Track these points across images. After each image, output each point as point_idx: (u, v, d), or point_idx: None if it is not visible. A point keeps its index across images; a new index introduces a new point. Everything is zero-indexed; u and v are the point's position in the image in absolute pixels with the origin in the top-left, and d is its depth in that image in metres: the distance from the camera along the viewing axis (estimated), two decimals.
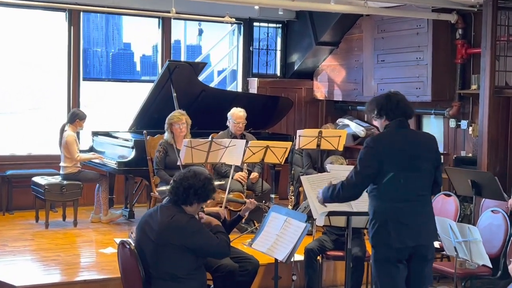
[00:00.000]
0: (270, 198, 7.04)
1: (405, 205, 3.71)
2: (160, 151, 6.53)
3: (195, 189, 3.75)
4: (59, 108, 8.68)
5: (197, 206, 3.82)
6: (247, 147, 6.38)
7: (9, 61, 9.09)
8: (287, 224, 4.14)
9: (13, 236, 6.74)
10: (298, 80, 9.75)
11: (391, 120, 3.81)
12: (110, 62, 9.44)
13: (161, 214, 3.78)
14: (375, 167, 3.69)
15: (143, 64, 9.79)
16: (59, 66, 8.64)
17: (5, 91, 9.24)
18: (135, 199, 7.79)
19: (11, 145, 8.81)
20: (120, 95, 10.28)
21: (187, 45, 10.30)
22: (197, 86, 7.86)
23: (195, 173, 3.79)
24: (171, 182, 3.88)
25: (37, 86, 9.72)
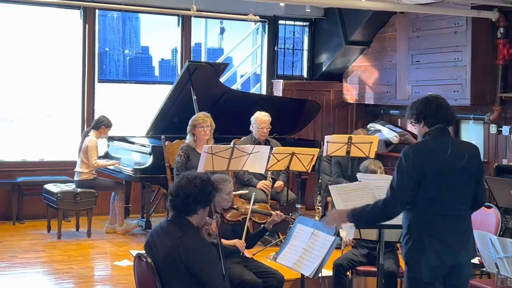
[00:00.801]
0: (295, 208, 7.04)
1: (442, 220, 3.68)
2: (181, 155, 6.56)
3: (193, 197, 3.70)
4: (73, 111, 8.78)
5: (203, 211, 3.79)
6: (272, 154, 6.39)
7: (21, 62, 9.22)
8: (314, 237, 4.14)
9: (24, 247, 6.83)
10: (326, 82, 9.74)
11: (431, 126, 3.77)
12: (127, 66, 9.53)
13: (166, 235, 3.72)
14: (415, 179, 3.65)
15: (162, 68, 9.86)
16: (73, 68, 8.75)
17: (17, 94, 9.38)
18: (152, 209, 7.85)
19: (22, 151, 8.92)
20: (137, 97, 10.35)
21: (208, 46, 10.36)
22: (219, 88, 7.90)
23: (189, 179, 3.75)
24: (169, 195, 3.84)
25: (50, 88, 9.84)
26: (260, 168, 6.28)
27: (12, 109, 9.63)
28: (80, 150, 7.43)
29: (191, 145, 6.60)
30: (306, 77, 9.90)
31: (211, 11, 8.49)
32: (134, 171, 7.18)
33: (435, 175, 3.67)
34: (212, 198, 3.81)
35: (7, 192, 7.94)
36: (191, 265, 3.61)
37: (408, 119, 3.97)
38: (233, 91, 8.37)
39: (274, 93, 9.51)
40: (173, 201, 3.75)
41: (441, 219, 3.68)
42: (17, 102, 9.64)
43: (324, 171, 7.52)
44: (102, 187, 7.45)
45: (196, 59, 9.38)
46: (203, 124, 6.54)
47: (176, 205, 3.73)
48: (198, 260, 3.63)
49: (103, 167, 7.55)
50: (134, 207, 8.19)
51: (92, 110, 8.51)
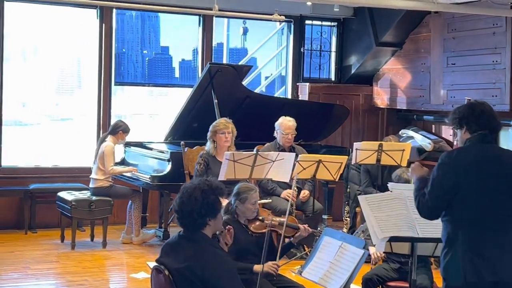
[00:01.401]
0: (322, 219, 7.01)
1: (482, 233, 3.62)
2: (200, 163, 6.57)
3: (197, 211, 3.64)
4: (88, 115, 8.84)
5: (215, 221, 3.73)
6: (297, 161, 6.38)
7: (36, 64, 9.31)
8: (342, 250, 4.10)
9: (36, 258, 6.88)
10: (355, 86, 9.71)
11: (473, 132, 3.73)
12: (146, 68, 9.56)
13: (179, 252, 3.69)
14: (450, 187, 3.61)
15: (182, 70, 9.87)
16: (90, 70, 8.81)
17: (31, 96, 9.46)
18: (171, 218, 7.84)
19: (35, 156, 8.99)
20: (155, 101, 10.39)
21: (230, 46, 10.37)
22: (241, 91, 7.91)
23: (188, 193, 3.68)
24: (174, 211, 3.80)
25: (65, 91, 9.92)
26: (284, 176, 6.26)
27: (26, 112, 9.72)
28: (96, 156, 7.48)
29: (211, 152, 6.61)
30: (334, 80, 9.87)
31: (234, 10, 8.51)
32: (152, 178, 7.21)
33: (474, 183, 3.62)
34: (218, 205, 3.76)
35: (19, 200, 8.01)
36: (209, 282, 3.59)
37: (450, 125, 3.93)
38: (257, 94, 8.38)
39: (300, 97, 9.49)
40: (180, 219, 3.71)
41: (481, 232, 3.63)
42: (31, 105, 9.72)
43: (352, 180, 7.48)
44: (118, 195, 7.48)
45: (217, 61, 9.41)
46: (224, 130, 6.54)
47: (184, 223, 3.70)
48: (216, 275, 3.60)
49: (119, 173, 7.59)
50: (152, 216, 8.21)
51: (108, 114, 8.57)
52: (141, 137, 8.28)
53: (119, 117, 8.65)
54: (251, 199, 4.84)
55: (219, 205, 3.76)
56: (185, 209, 3.66)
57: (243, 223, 4.88)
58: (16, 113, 9.31)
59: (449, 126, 4.19)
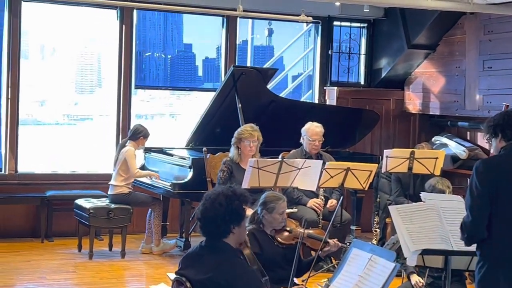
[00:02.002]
0: (350, 230, 6.98)
1: None
2: (224, 170, 6.59)
3: (221, 217, 3.63)
4: (108, 115, 8.89)
5: (239, 230, 3.73)
6: (324, 169, 6.37)
7: (52, 61, 9.39)
8: (372, 263, 4.08)
9: (52, 268, 6.93)
10: (386, 90, 9.67)
11: (508, 140, 3.72)
12: (168, 66, 9.56)
13: (201, 263, 3.68)
14: (489, 197, 3.60)
15: (206, 68, 9.87)
16: (109, 73, 8.87)
17: (48, 95, 9.52)
18: (192, 227, 7.86)
19: (52, 159, 9.08)
20: (177, 100, 10.41)
21: (255, 48, 10.38)
22: (266, 96, 7.92)
23: (211, 199, 3.68)
24: (197, 219, 3.78)
25: (84, 90, 10.00)
26: (311, 184, 6.25)
27: (44, 111, 9.79)
28: (115, 162, 7.53)
29: (235, 159, 6.62)
30: (363, 84, 9.84)
31: (259, 11, 8.52)
32: (173, 186, 7.24)
33: (509, 194, 3.60)
34: (243, 212, 3.76)
35: (36, 207, 8.09)
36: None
37: (485, 133, 3.92)
38: (282, 99, 8.38)
39: (328, 101, 9.48)
40: (202, 227, 3.70)
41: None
42: (50, 104, 9.79)
43: (382, 189, 7.45)
44: (137, 203, 7.53)
45: (242, 60, 9.43)
46: (250, 138, 6.56)
47: (207, 231, 3.69)
48: (240, 287, 3.60)
49: (144, 176, 7.66)
50: (172, 225, 8.24)
51: (128, 119, 8.62)
52: (162, 139, 8.33)
53: (139, 117, 8.68)
54: (279, 209, 4.83)
55: (243, 212, 3.76)
56: (208, 215, 3.66)
57: (269, 234, 4.88)
58: (33, 112, 9.38)
59: (484, 137, 4.17)
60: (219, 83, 8.91)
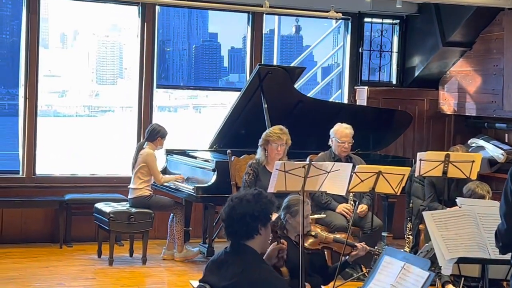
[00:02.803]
0: (381, 237, 6.96)
1: None
2: (249, 173, 6.59)
3: (250, 214, 3.68)
4: (129, 113, 8.92)
5: (265, 231, 3.77)
6: (354, 173, 6.34)
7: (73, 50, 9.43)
8: (405, 272, 4.06)
9: (71, 274, 6.99)
10: (419, 90, 9.63)
11: None
12: (192, 56, 9.53)
13: (225, 271, 3.70)
14: None
15: (231, 59, 9.82)
16: (132, 58, 8.84)
17: (68, 85, 9.57)
18: (216, 233, 7.89)
19: (71, 164, 9.15)
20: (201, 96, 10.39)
21: (282, 38, 10.33)
22: (293, 96, 7.92)
23: (239, 198, 3.75)
24: (222, 221, 3.84)
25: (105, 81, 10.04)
26: (340, 189, 6.20)
27: (64, 102, 9.82)
28: (134, 165, 7.56)
29: (262, 161, 6.63)
30: (396, 83, 9.81)
31: (286, 7, 8.53)
32: (196, 189, 7.26)
33: None
34: (271, 210, 3.80)
35: (54, 211, 8.16)
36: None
37: None
38: (310, 99, 8.38)
39: (358, 101, 9.47)
40: (228, 227, 3.74)
41: None
42: (70, 95, 9.82)
43: (415, 194, 7.40)
44: (159, 207, 7.55)
45: (268, 54, 9.43)
46: (278, 141, 6.55)
47: (233, 231, 3.73)
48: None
49: (169, 181, 7.69)
50: (195, 231, 8.27)
51: (149, 119, 8.65)
52: (185, 134, 8.29)
53: (162, 109, 8.69)
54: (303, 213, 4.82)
55: (271, 208, 3.78)
56: (236, 212, 3.69)
57: (294, 240, 4.88)
58: (53, 103, 9.40)
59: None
60: (244, 75, 8.91)
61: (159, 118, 8.62)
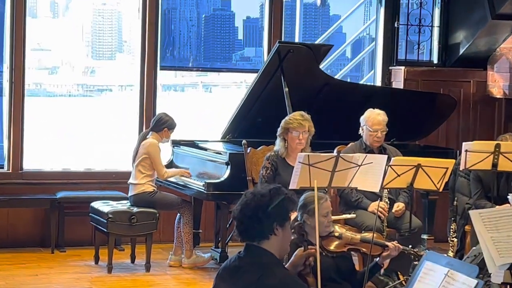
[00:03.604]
0: (421, 240, 6.91)
1: None
2: (267, 167, 6.58)
3: (263, 210, 3.70)
4: (130, 93, 8.90)
5: (283, 232, 3.77)
6: (389, 166, 6.31)
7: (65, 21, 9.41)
8: (449, 280, 4.03)
9: (65, 283, 7.00)
10: (464, 70, 9.60)
11: None
12: (202, 27, 9.45)
13: (239, 278, 3.72)
14: None
15: (247, 30, 9.76)
16: (131, 34, 8.81)
17: (59, 60, 9.56)
18: (229, 236, 7.87)
19: (64, 158, 9.16)
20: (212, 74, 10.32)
21: (305, 6, 10.24)
22: (318, 77, 7.89)
23: (252, 192, 3.78)
24: (234, 220, 3.85)
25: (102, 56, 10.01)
26: (373, 184, 6.20)
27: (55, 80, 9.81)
28: (135, 157, 7.56)
29: (281, 153, 6.62)
30: (437, 62, 9.78)
31: None
32: (207, 186, 7.24)
33: None
34: (288, 208, 3.79)
35: (45, 211, 8.17)
36: None
37: None
38: (338, 81, 8.37)
39: (393, 84, 9.45)
40: (240, 224, 3.76)
41: None
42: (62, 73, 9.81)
43: (460, 190, 7.36)
44: (163, 205, 7.55)
45: (289, 34, 9.39)
46: (299, 129, 6.53)
47: (245, 229, 3.75)
48: None
49: (173, 176, 7.69)
50: (206, 233, 8.29)
51: (153, 101, 8.63)
52: (192, 135, 8.30)
53: (167, 88, 8.66)
54: (322, 210, 4.80)
55: (290, 208, 3.77)
56: (249, 208, 3.71)
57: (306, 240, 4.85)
58: (43, 81, 9.40)
59: None
60: (261, 49, 8.86)
61: (164, 99, 8.56)
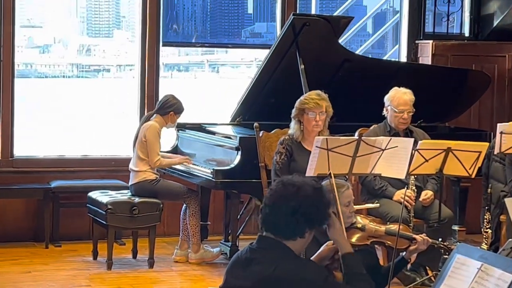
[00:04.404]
0: (452, 231, 6.95)
1: None
2: (281, 153, 6.60)
3: (302, 212, 3.66)
4: (129, 73, 8.91)
5: (310, 235, 3.77)
6: (416, 150, 6.33)
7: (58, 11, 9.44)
8: (482, 275, 4.07)
9: (61, 280, 7.03)
10: (499, 44, 9.59)
11: None
12: (208, 1, 9.45)
13: (251, 271, 3.71)
14: None
15: (257, 3, 9.75)
16: (130, 9, 8.81)
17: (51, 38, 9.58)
18: (241, 228, 7.92)
19: (58, 144, 9.17)
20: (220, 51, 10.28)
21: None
22: (338, 53, 7.91)
23: (295, 185, 3.72)
24: (260, 207, 3.82)
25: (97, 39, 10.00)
26: (398, 171, 6.18)
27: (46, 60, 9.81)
28: (135, 141, 7.57)
29: (296, 137, 6.64)
30: (468, 36, 9.78)
31: None
32: (215, 173, 7.25)
33: None
34: (327, 216, 3.81)
35: (38, 202, 8.21)
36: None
37: None
38: (359, 57, 8.39)
39: (420, 60, 9.45)
40: (268, 216, 3.73)
41: None
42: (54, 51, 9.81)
43: (495, 177, 7.37)
44: (167, 194, 7.56)
45: (304, 7, 9.38)
46: (316, 109, 6.54)
47: (275, 224, 3.72)
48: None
49: (167, 166, 7.71)
50: (215, 225, 8.32)
51: (155, 81, 8.64)
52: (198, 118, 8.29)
53: (170, 68, 8.66)
54: (343, 200, 4.81)
55: (327, 212, 3.79)
56: (286, 205, 3.66)
57: None
58: (33, 61, 9.39)
59: None
60: (274, 24, 8.88)
61: (166, 80, 8.56)
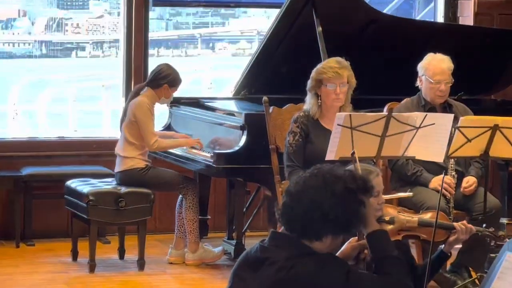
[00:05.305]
0: (500, 225, 6.90)
1: None
2: (295, 132, 6.56)
3: (331, 215, 3.68)
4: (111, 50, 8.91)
5: (332, 242, 3.79)
6: (456, 128, 6.29)
7: None
8: None
9: (34, 285, 7.05)
10: None
11: None
12: None
13: (265, 264, 3.75)
14: None
15: None
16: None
17: (13, 20, 9.58)
18: (247, 223, 7.91)
19: (30, 124, 9.16)
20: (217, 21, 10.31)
21: None
22: (361, 13, 7.91)
23: (325, 180, 3.73)
24: (283, 198, 3.83)
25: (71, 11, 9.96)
26: (435, 153, 6.20)
27: (10, 42, 9.82)
28: (122, 120, 7.56)
29: (313, 114, 6.60)
30: None
31: None
32: (216, 157, 7.24)
33: None
34: (359, 221, 3.82)
35: (7, 193, 8.24)
36: None
37: None
38: (388, 17, 8.38)
39: (460, 20, 9.46)
40: (291, 211, 3.75)
41: None
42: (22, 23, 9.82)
43: None
44: (160, 184, 7.57)
45: None
46: (336, 80, 6.49)
47: (297, 225, 3.75)
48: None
49: (168, 148, 7.68)
50: (217, 220, 8.33)
51: (143, 58, 8.65)
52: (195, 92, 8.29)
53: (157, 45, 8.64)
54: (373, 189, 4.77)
55: (359, 220, 3.81)
56: (312, 204, 3.68)
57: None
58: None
59: None
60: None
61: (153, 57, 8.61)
